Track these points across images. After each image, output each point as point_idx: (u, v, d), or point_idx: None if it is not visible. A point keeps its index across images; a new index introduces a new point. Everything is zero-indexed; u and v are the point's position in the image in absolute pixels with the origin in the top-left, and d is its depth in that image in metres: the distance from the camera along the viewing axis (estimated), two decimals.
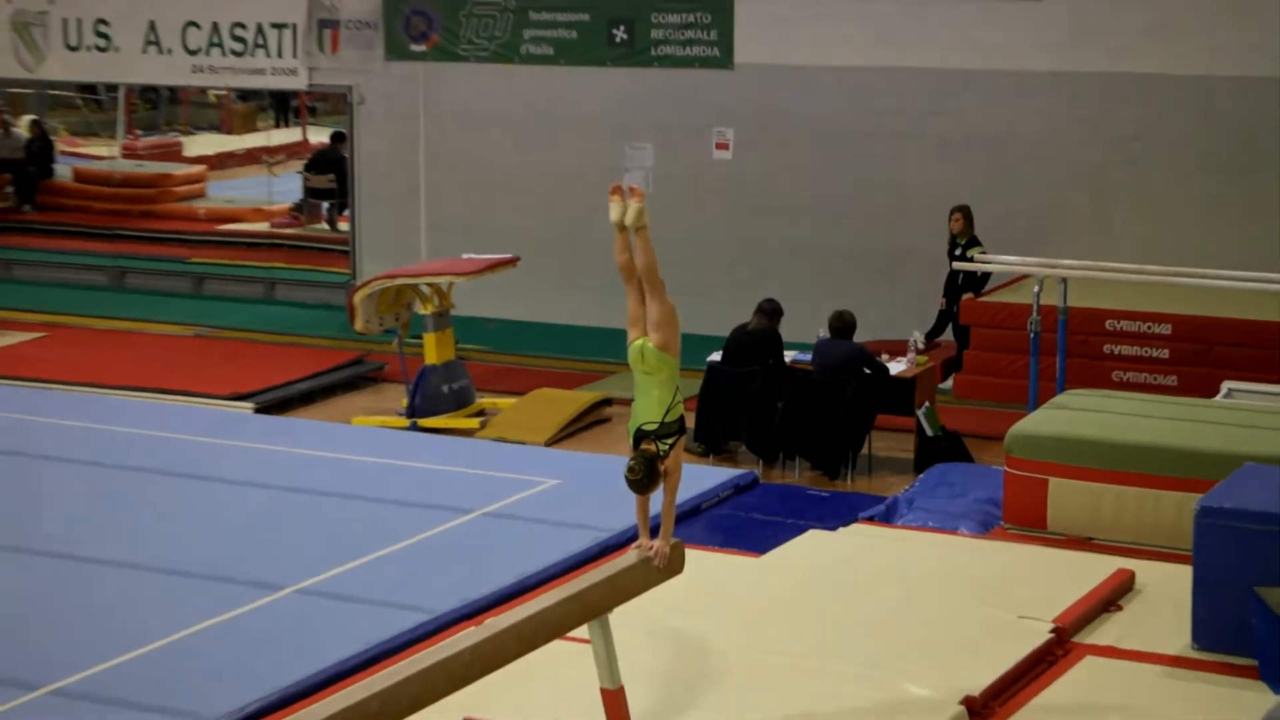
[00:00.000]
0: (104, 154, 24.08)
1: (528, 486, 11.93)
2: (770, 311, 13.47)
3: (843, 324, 13.17)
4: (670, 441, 7.32)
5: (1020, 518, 10.91)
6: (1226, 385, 12.74)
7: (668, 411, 7.34)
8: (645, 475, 7.28)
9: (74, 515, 11.52)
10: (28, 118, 23.87)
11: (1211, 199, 15.43)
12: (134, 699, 8.48)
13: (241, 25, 18.80)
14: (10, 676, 8.74)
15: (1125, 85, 15.58)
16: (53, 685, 8.63)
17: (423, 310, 14.45)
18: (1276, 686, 8.33)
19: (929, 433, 12.99)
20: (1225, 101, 15.28)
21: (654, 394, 7.38)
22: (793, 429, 13.03)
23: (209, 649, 9.12)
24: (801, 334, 13.97)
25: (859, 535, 10.82)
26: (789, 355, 13.47)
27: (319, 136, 23.21)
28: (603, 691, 7.24)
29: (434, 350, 14.39)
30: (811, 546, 10.51)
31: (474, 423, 14.27)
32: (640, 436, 7.36)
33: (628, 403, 15.10)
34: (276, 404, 15.07)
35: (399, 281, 14.46)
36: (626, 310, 7.58)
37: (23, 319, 18.27)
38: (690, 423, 13.40)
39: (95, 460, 12.74)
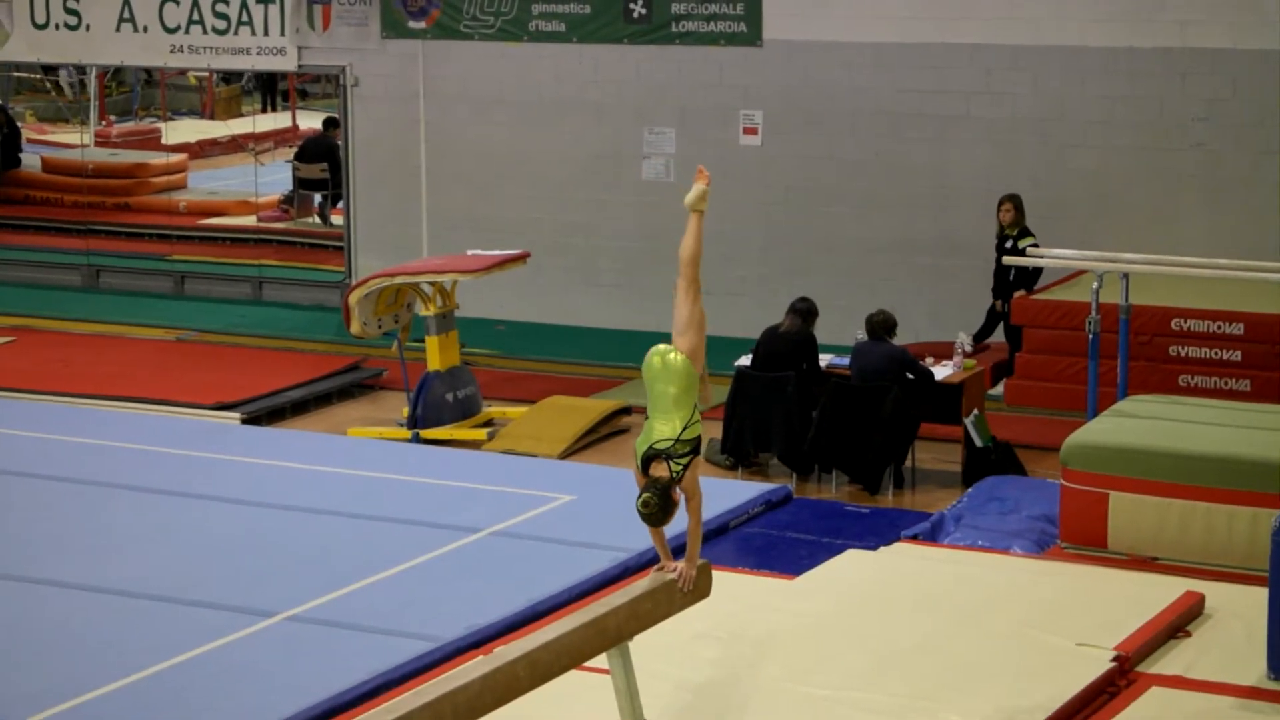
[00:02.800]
0: (75, 142, 24.18)
1: (540, 503, 11.97)
2: (804, 312, 13.49)
3: (883, 325, 13.18)
4: (685, 462, 7.29)
5: (1078, 536, 10.91)
6: None
7: (686, 428, 7.31)
8: (660, 508, 7.24)
9: (46, 536, 11.54)
10: None
11: None
12: None
13: (224, 2, 18.85)
14: None
15: (1192, 61, 15.56)
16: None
17: (424, 311, 14.48)
18: None
19: (978, 443, 13.00)
20: None
21: (671, 409, 7.34)
22: (829, 439, 13.04)
23: (192, 681, 9.15)
24: (838, 336, 14.00)
25: (901, 555, 10.84)
26: (825, 359, 13.49)
27: (310, 122, 23.28)
28: None
29: (437, 355, 14.42)
30: (850, 567, 10.53)
31: (481, 434, 14.30)
32: (650, 457, 7.30)
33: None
34: (266, 414, 15.10)
35: (399, 280, 14.49)
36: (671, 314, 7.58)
37: None
38: (717, 433, 13.57)
39: (68, 476, 12.77)
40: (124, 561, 10.98)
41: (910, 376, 13.03)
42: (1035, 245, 14.55)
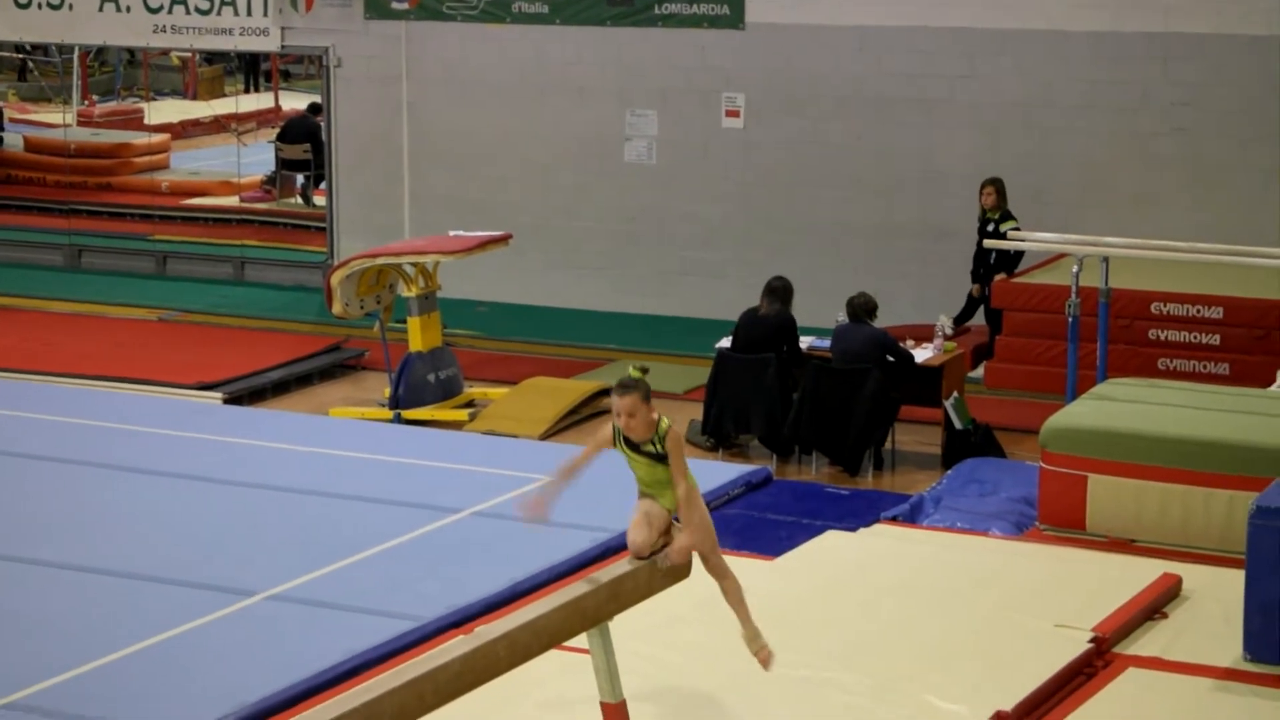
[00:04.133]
0: (57, 122, 24.11)
1: (521, 483, 11.93)
2: (780, 290, 13.49)
3: (864, 307, 13.21)
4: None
5: (1057, 518, 10.94)
6: None
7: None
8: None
9: (26, 515, 11.53)
10: None
11: (1270, 171, 15.44)
12: (89, 717, 8.51)
13: None
14: None
15: (1176, 45, 15.59)
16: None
17: (407, 292, 14.49)
18: None
19: (958, 425, 13.04)
20: None
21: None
22: (809, 421, 13.07)
23: (172, 660, 9.14)
24: (819, 318, 14.01)
25: (881, 537, 10.86)
26: (805, 341, 13.51)
27: (292, 103, 23.25)
28: (603, 706, 7.27)
29: (419, 336, 14.42)
30: (829, 549, 10.55)
31: (463, 414, 14.32)
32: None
33: None
34: (247, 394, 15.12)
35: (380, 261, 14.49)
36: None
37: None
38: (698, 414, 13.59)
39: (49, 455, 12.74)
40: (104, 540, 10.97)
41: (891, 359, 13.06)
42: (1017, 229, 14.57)
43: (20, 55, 24.73)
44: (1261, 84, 15.38)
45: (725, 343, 13.60)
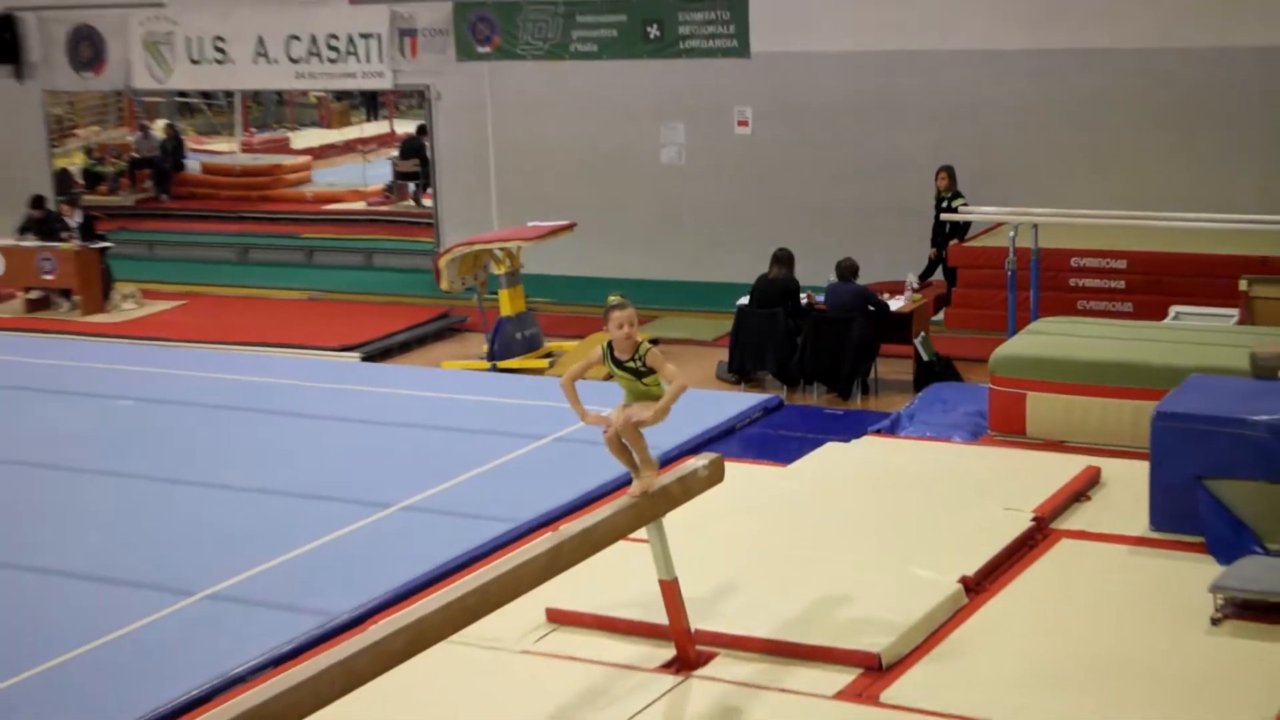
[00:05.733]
0: (226, 149, 24.21)
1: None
2: (784, 258, 13.50)
3: (849, 269, 13.19)
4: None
5: (1003, 426, 10.94)
6: (1174, 309, 12.71)
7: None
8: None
9: (212, 450, 11.60)
10: (162, 122, 23.98)
11: (1158, 151, 15.35)
12: (274, 600, 8.59)
13: (335, 36, 18.84)
14: (163, 582, 8.84)
15: (1083, 58, 15.49)
16: (204, 591, 8.75)
17: (496, 270, 14.53)
18: (1221, 559, 8.37)
19: (925, 358, 13.02)
20: (1169, 69, 15.18)
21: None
22: (810, 359, 13.07)
23: (332, 558, 9.22)
24: (815, 279, 14.00)
25: (869, 446, 10.87)
26: (805, 297, 13.50)
27: (404, 128, 23.25)
28: (660, 582, 7.32)
29: (508, 303, 14.46)
30: (829, 457, 10.57)
31: (543, 363, 14.35)
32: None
33: (674, 342, 15.17)
34: (378, 353, 15.19)
35: (476, 247, 14.53)
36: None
37: (165, 290, 18.41)
38: (724, 357, 13.59)
39: (231, 405, 12.84)
40: (279, 468, 11.06)
41: (871, 309, 13.04)
42: (965, 204, 14.53)
43: (196, 99, 24.79)
44: (1149, 86, 15.28)
45: (744, 300, 13.59)
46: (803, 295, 13.43)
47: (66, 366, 14.38)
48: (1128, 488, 9.46)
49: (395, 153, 22.46)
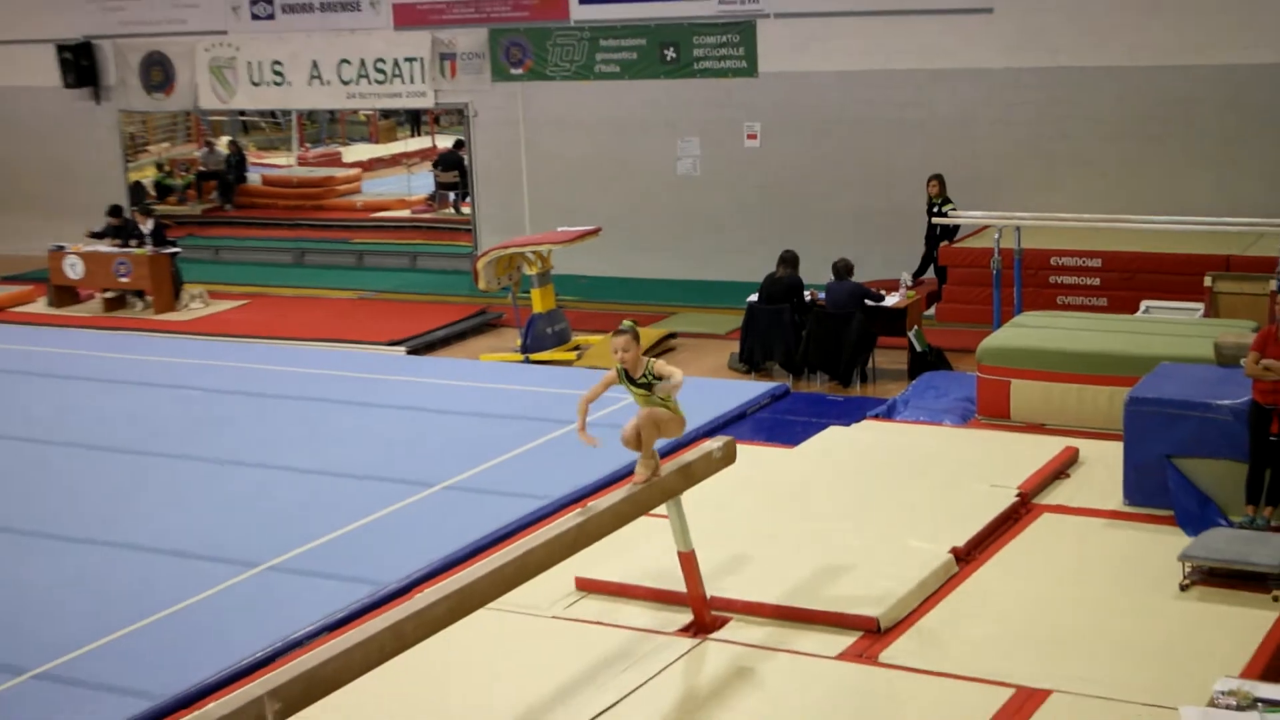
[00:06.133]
0: (283, 163, 24.24)
1: (615, 402, 11.92)
2: (790, 259, 13.48)
3: (844, 268, 13.15)
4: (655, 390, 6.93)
5: (990, 411, 10.94)
6: (1145, 304, 12.69)
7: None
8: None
9: (272, 436, 11.62)
10: (225, 138, 24.03)
11: (1130, 159, 15.28)
12: (329, 571, 8.59)
13: (382, 60, 18.86)
14: (228, 555, 8.87)
15: (1061, 76, 15.42)
16: (265, 564, 8.77)
17: (529, 271, 14.52)
18: (1189, 531, 8.36)
19: (918, 349, 13.00)
20: (1137, 85, 15.11)
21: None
22: (814, 351, 13.05)
23: (381, 533, 9.24)
24: (816, 277, 13.97)
25: (868, 429, 10.89)
26: (808, 294, 13.48)
27: (444, 142, 23.26)
28: (679, 554, 7.34)
29: (539, 301, 14.45)
30: (832, 439, 10.58)
31: (572, 355, 14.35)
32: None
33: (690, 336, 15.15)
34: (422, 347, 15.20)
35: (511, 250, 14.52)
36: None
37: (229, 290, 18.42)
38: (736, 349, 13.58)
39: (287, 394, 12.88)
40: (330, 451, 11.09)
41: (869, 304, 13.01)
42: (954, 209, 14.49)
43: (256, 118, 24.84)
44: (1120, 100, 15.21)
45: (753, 297, 13.58)
46: (806, 292, 13.42)
47: (140, 360, 14.44)
48: (1103, 466, 9.46)
49: (435, 165, 22.44)
